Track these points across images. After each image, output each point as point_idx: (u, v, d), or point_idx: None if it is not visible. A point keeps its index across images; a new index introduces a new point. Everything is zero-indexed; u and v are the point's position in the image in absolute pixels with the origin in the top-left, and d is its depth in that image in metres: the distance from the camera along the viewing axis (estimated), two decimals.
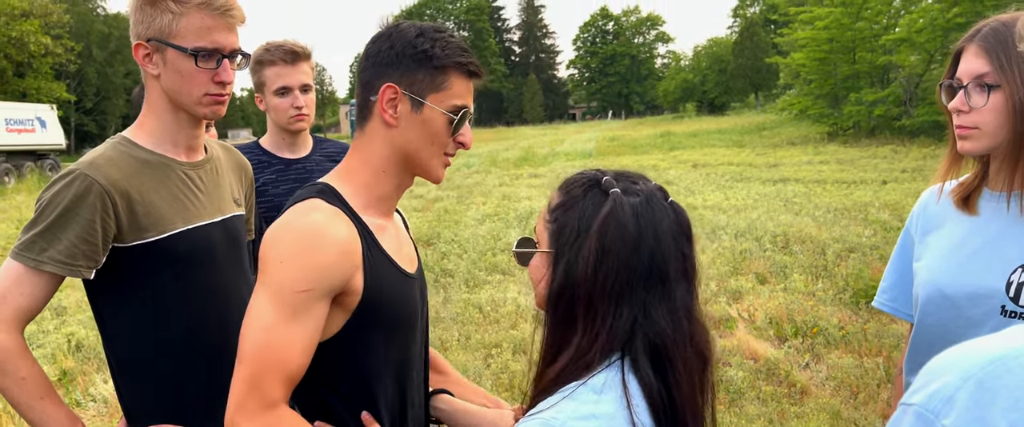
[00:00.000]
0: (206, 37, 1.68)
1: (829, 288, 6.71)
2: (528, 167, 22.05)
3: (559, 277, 1.20)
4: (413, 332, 1.57)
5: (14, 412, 4.72)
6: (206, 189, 1.86)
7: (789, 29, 32.85)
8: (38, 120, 29.49)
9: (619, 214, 1.17)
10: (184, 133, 1.81)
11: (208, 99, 1.74)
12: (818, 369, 4.97)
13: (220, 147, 2.02)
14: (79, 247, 1.62)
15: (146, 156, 1.76)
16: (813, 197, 12.15)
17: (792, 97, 33.28)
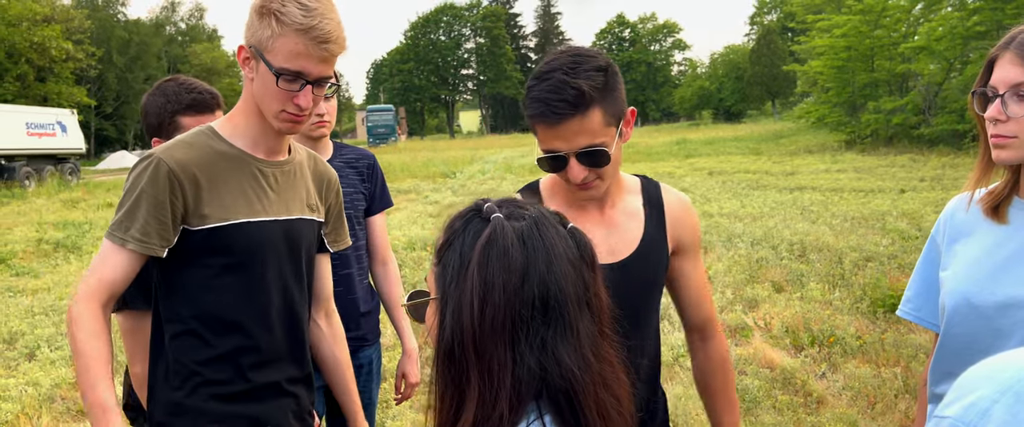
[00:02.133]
0: (294, 61, 1.69)
1: (846, 297, 6.66)
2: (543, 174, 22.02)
3: (447, 323, 1.05)
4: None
5: (32, 413, 4.76)
6: (278, 188, 1.89)
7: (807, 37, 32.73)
8: (59, 124, 29.79)
9: (501, 240, 1.04)
10: (265, 136, 1.85)
11: (284, 116, 1.76)
12: (835, 379, 4.93)
13: (307, 154, 2.04)
14: (152, 225, 1.72)
15: (224, 148, 1.82)
16: (830, 205, 12.07)
17: (809, 105, 33.14)
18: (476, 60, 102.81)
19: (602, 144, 1.60)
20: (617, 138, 1.64)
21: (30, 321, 7.11)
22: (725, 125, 63.87)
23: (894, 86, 27.93)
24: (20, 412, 4.81)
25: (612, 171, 1.69)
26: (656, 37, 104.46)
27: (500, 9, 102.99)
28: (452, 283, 1.06)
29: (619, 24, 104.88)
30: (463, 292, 1.04)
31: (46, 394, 5.14)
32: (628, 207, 1.81)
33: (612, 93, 1.60)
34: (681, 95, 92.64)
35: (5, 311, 7.57)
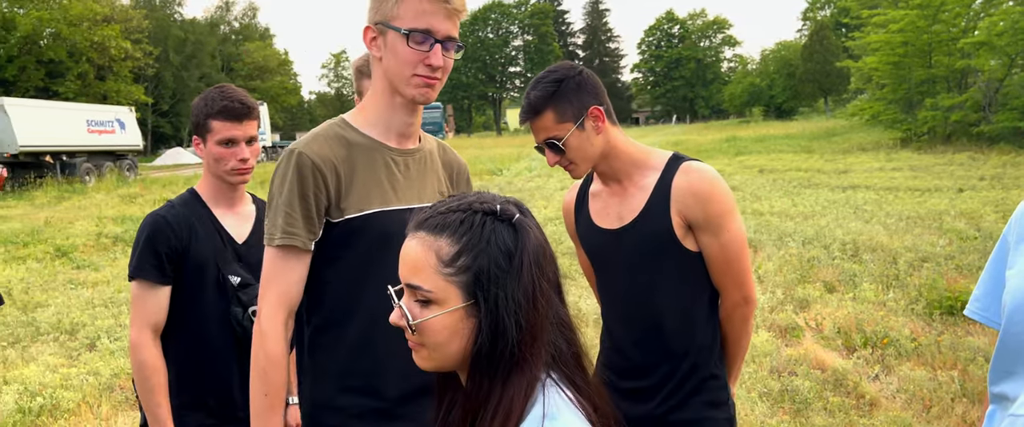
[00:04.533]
0: (422, 20, 1.75)
1: (901, 298, 6.52)
2: None
3: (493, 325, 1.13)
4: None
5: (92, 402, 4.90)
6: (410, 176, 1.93)
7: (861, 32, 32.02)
8: (118, 122, 30.60)
9: (536, 235, 1.17)
10: (398, 119, 1.89)
11: (417, 80, 1.79)
12: (888, 381, 4.83)
13: (436, 143, 2.10)
14: (296, 220, 1.78)
15: (357, 138, 1.87)
16: (884, 205, 11.82)
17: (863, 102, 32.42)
18: (524, 57, 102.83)
19: (555, 137, 1.98)
20: (576, 130, 1.98)
21: (91, 313, 7.33)
22: (776, 122, 62.89)
23: (953, 82, 27.18)
24: (81, 401, 4.97)
25: (579, 156, 2.01)
26: (706, 33, 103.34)
27: (548, 6, 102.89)
28: (499, 284, 1.12)
29: (668, 20, 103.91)
30: (522, 289, 1.12)
31: (106, 383, 5.30)
32: (641, 182, 2.05)
33: (563, 97, 1.96)
34: (731, 92, 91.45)
35: (67, 303, 7.82)
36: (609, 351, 2.17)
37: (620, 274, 2.09)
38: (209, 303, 2.28)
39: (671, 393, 2.06)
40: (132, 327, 2.27)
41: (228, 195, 2.37)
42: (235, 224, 2.37)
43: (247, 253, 2.36)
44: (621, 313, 2.12)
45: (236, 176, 2.31)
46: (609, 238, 2.09)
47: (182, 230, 2.27)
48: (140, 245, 2.25)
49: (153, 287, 2.24)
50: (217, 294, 2.29)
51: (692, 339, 2.05)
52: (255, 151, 2.35)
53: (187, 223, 2.28)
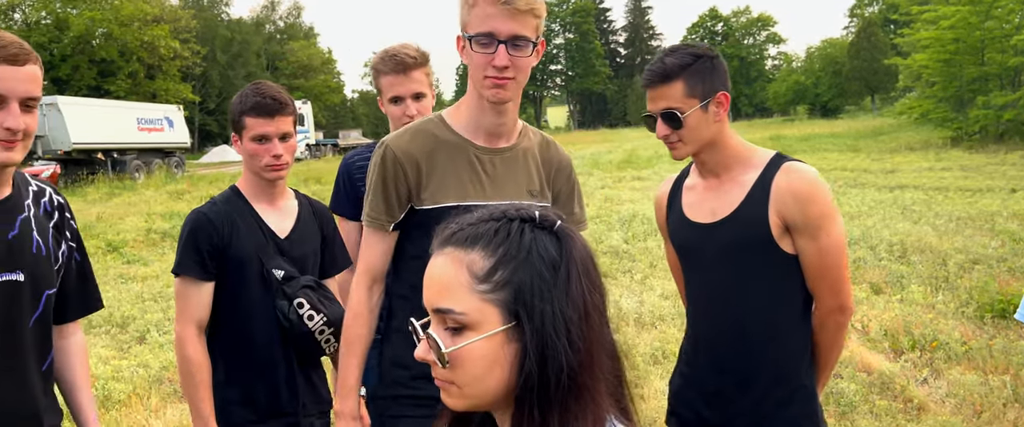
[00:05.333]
0: (486, 24, 1.84)
1: (950, 301, 6.38)
2: (631, 169, 21.86)
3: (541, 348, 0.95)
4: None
5: (142, 394, 5.02)
6: (494, 174, 2.03)
7: (911, 29, 31.32)
8: (166, 120, 31.24)
9: (585, 246, 1.03)
10: (486, 119, 2.01)
11: (487, 82, 1.90)
12: (937, 385, 4.73)
13: (541, 139, 2.17)
14: (379, 204, 2.03)
15: (447, 135, 2.02)
16: (934, 205, 11.57)
17: (912, 100, 31.73)
18: (565, 56, 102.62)
19: (678, 109, 1.95)
20: (699, 109, 1.95)
21: (140, 307, 7.50)
22: (821, 121, 61.84)
23: (1006, 80, 26.48)
24: (132, 392, 5.09)
25: (692, 136, 1.98)
26: (750, 31, 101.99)
27: (590, 4, 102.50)
28: (545, 300, 0.96)
29: (711, 18, 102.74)
30: (571, 305, 0.97)
31: (155, 376, 5.43)
32: (740, 178, 2.02)
33: (698, 73, 1.94)
34: (775, 90, 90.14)
35: (118, 297, 8.01)
36: (692, 350, 2.14)
37: (709, 270, 2.05)
38: (253, 298, 2.31)
39: (758, 401, 2.01)
40: (177, 323, 2.32)
41: (268, 191, 2.39)
42: (277, 219, 2.39)
43: (290, 247, 2.38)
44: (707, 311, 2.08)
45: (271, 172, 2.31)
46: (700, 232, 2.05)
47: (223, 226, 2.30)
48: (183, 242, 2.30)
49: (196, 283, 2.29)
50: (261, 288, 2.31)
51: (781, 345, 2.00)
52: (290, 147, 2.34)
53: (229, 219, 2.31)
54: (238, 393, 2.35)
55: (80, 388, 2.08)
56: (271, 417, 2.36)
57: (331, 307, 2.35)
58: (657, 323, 6.17)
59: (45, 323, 1.93)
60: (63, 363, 2.08)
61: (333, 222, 2.58)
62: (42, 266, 1.88)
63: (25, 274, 1.83)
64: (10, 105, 1.71)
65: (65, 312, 2.06)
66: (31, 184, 1.97)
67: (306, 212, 2.48)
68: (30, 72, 1.74)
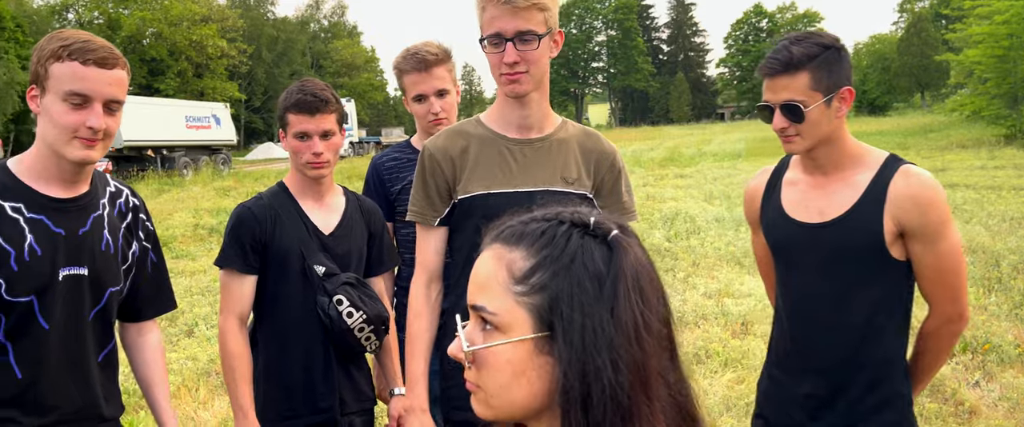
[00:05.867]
0: (492, 26, 1.95)
1: (1004, 302, 6.22)
2: (674, 167, 21.70)
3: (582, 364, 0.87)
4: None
5: (191, 386, 5.11)
6: (524, 163, 2.12)
7: (963, 24, 30.58)
8: (214, 117, 31.83)
9: (640, 258, 0.93)
10: (512, 114, 2.12)
11: (503, 79, 2.02)
12: (990, 388, 4.62)
13: (581, 132, 2.21)
14: (420, 200, 2.17)
15: (480, 131, 2.15)
16: (986, 204, 11.28)
17: (964, 97, 30.98)
18: (606, 53, 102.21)
19: (800, 102, 1.85)
20: (823, 104, 1.86)
21: (189, 300, 7.66)
22: (869, 118, 60.67)
23: None
24: (181, 384, 5.20)
25: (811, 131, 1.88)
26: (795, 27, 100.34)
27: (632, 1, 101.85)
28: (586, 312, 0.89)
29: (756, 14, 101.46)
30: (620, 321, 0.88)
31: (203, 368, 5.54)
32: (851, 178, 1.95)
33: (826, 65, 1.84)
34: None
35: None
36: (784, 351, 2.09)
37: (809, 272, 1.98)
38: (295, 293, 2.33)
39: (851, 407, 1.97)
40: (220, 315, 2.36)
41: (314, 187, 2.40)
42: (322, 216, 2.41)
43: (334, 244, 2.39)
44: (803, 313, 2.02)
45: (312, 169, 2.32)
46: (803, 232, 1.98)
47: (266, 221, 2.32)
48: (227, 235, 2.34)
49: (238, 276, 2.32)
50: (303, 284, 2.33)
51: (879, 352, 1.94)
52: (331, 145, 2.34)
53: (272, 214, 2.34)
54: (277, 387, 2.38)
55: (156, 385, 2.15)
56: (310, 412, 2.37)
57: (371, 305, 2.35)
58: (700, 322, 6.13)
59: (105, 318, 1.98)
60: (140, 360, 2.15)
61: (382, 221, 2.57)
62: (108, 263, 1.95)
63: (89, 269, 1.90)
64: (94, 105, 1.77)
65: (140, 311, 2.13)
66: (109, 185, 2.04)
67: (353, 210, 2.48)
68: (117, 76, 1.81)
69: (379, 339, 2.41)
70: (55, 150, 1.79)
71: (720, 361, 5.16)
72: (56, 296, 1.84)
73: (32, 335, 1.82)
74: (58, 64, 1.75)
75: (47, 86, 1.77)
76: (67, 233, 1.85)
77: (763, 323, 5.93)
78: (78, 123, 1.75)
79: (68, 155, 1.78)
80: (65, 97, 1.75)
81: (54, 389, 1.85)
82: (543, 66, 2.01)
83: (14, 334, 1.80)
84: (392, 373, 2.54)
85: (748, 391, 4.58)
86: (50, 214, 1.83)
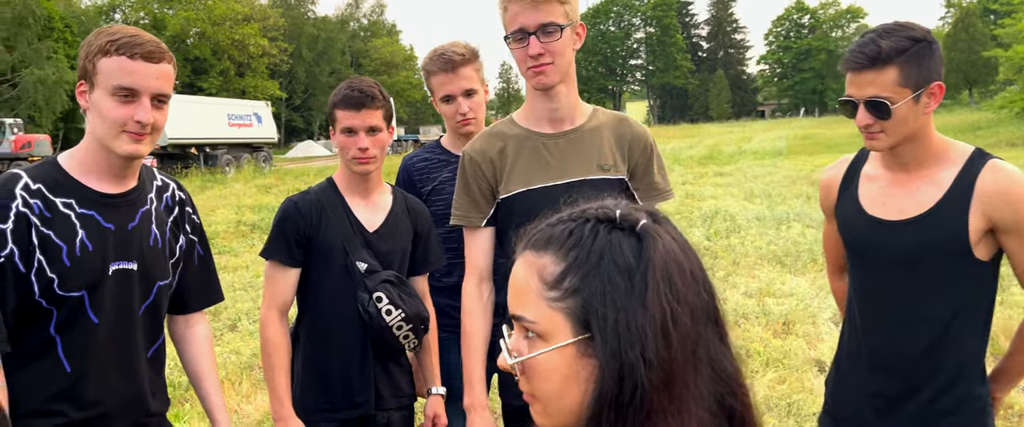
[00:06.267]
0: (514, 22, 2.02)
1: None
2: (713, 165, 21.48)
3: (616, 362, 0.86)
4: None
5: (235, 380, 5.20)
6: (560, 156, 2.16)
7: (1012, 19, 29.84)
8: (255, 116, 32.28)
9: (670, 248, 0.91)
10: (541, 107, 2.17)
11: (530, 73, 2.06)
12: None
13: (611, 118, 2.25)
14: (463, 204, 2.24)
15: (514, 131, 2.21)
16: None
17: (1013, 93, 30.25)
18: (645, 50, 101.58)
19: (887, 98, 1.78)
20: (911, 100, 1.79)
21: (231, 296, 7.76)
22: None
23: None
24: (224, 378, 5.29)
25: (897, 128, 1.81)
26: (838, 23, 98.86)
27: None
28: (619, 309, 0.87)
29: (798, 10, 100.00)
30: (649, 314, 0.86)
31: (246, 362, 5.62)
32: (935, 175, 1.89)
33: (915, 60, 1.77)
34: None
35: None
36: (856, 348, 2.05)
37: (886, 270, 1.93)
38: (336, 288, 2.36)
39: (923, 408, 1.92)
40: (262, 305, 2.42)
41: (361, 184, 2.42)
42: (368, 213, 2.43)
43: (377, 241, 2.41)
44: (878, 310, 1.97)
45: (357, 165, 2.34)
46: (883, 229, 1.92)
47: (311, 216, 2.36)
48: (273, 228, 2.39)
49: (282, 268, 2.37)
50: (344, 279, 2.36)
51: (956, 353, 1.89)
52: (378, 141, 2.35)
53: (318, 209, 2.37)
54: (315, 379, 2.42)
55: (206, 377, 2.18)
56: (346, 406, 2.40)
57: (411, 303, 2.37)
58: (741, 321, 6.07)
59: (155, 312, 2.01)
60: (189, 353, 2.19)
61: (429, 221, 2.58)
62: (157, 258, 1.97)
63: (139, 264, 1.92)
64: (142, 99, 1.79)
65: (188, 303, 2.17)
66: (156, 179, 2.06)
67: (400, 208, 2.50)
68: (164, 70, 1.82)
69: (418, 338, 2.43)
70: (104, 145, 1.81)
71: (761, 361, 5.11)
72: (106, 291, 1.86)
73: (81, 329, 1.84)
74: (106, 59, 1.76)
75: (95, 81, 1.78)
76: (117, 228, 1.87)
77: (805, 323, 5.86)
78: (126, 117, 1.77)
79: (117, 149, 1.80)
80: (113, 91, 1.76)
81: (102, 383, 1.87)
82: (567, 57, 2.06)
83: (64, 328, 1.82)
84: (430, 372, 2.56)
85: (790, 391, 4.53)
86: (100, 209, 1.85)
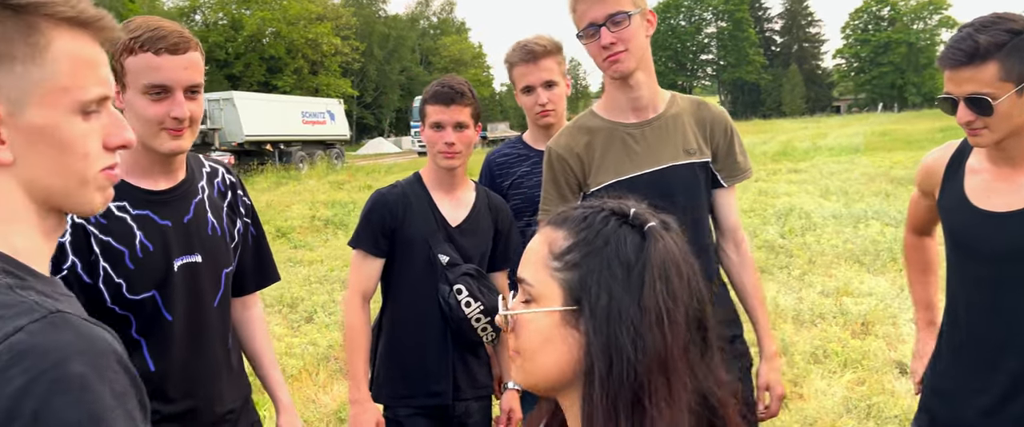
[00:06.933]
0: (584, 19, 2.07)
1: None
2: (787, 162, 21.01)
3: (605, 342, 0.94)
4: None
5: (312, 370, 5.33)
6: (646, 144, 2.20)
7: None
8: (328, 113, 32.90)
9: (672, 252, 0.98)
10: (623, 98, 2.20)
11: (605, 64, 2.10)
12: None
13: (690, 102, 2.29)
14: (552, 199, 2.27)
15: (597, 123, 2.24)
16: None
17: None
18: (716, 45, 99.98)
19: (988, 94, 1.73)
20: (1014, 94, 1.73)
21: (308, 288, 7.97)
22: None
23: None
24: (301, 368, 5.44)
25: (1001, 125, 1.76)
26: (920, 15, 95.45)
27: None
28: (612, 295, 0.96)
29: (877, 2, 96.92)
30: (644, 307, 0.94)
31: (323, 353, 5.77)
32: None
33: (1017, 52, 1.70)
34: None
35: (288, 279, 8.54)
36: (958, 343, 2.00)
37: (993, 262, 1.89)
38: (418, 279, 2.43)
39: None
40: (347, 290, 2.52)
41: (447, 180, 2.49)
42: (451, 208, 2.50)
43: (460, 236, 2.47)
44: (983, 305, 1.93)
45: (443, 159, 2.41)
46: (989, 222, 1.89)
47: (398, 208, 2.44)
48: (361, 218, 2.48)
49: (367, 257, 2.46)
50: (427, 271, 2.43)
51: None
52: (464, 138, 2.41)
53: (404, 202, 2.46)
54: (394, 367, 2.50)
55: (264, 355, 2.21)
56: (424, 395, 2.47)
57: (489, 297, 2.42)
58: (817, 321, 5.93)
59: (227, 302, 2.03)
60: (246, 334, 2.21)
61: (510, 218, 2.63)
62: (219, 246, 1.97)
63: (203, 255, 1.91)
64: (175, 94, 1.75)
65: (244, 285, 2.16)
66: (204, 165, 2.03)
67: (483, 205, 2.56)
68: (191, 59, 1.77)
69: (496, 331, 2.47)
70: (146, 144, 1.77)
71: (839, 361, 4.99)
72: (175, 287, 1.85)
73: (160, 328, 1.84)
74: (131, 57, 1.72)
75: (126, 81, 1.74)
76: (174, 223, 1.86)
77: (885, 323, 5.70)
78: (162, 115, 1.74)
79: (159, 148, 1.77)
80: (145, 90, 1.73)
81: (185, 378, 1.88)
82: (640, 43, 2.10)
83: (145, 331, 1.82)
84: (507, 366, 2.60)
85: (870, 393, 4.42)
86: (154, 208, 1.83)
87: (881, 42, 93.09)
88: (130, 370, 0.88)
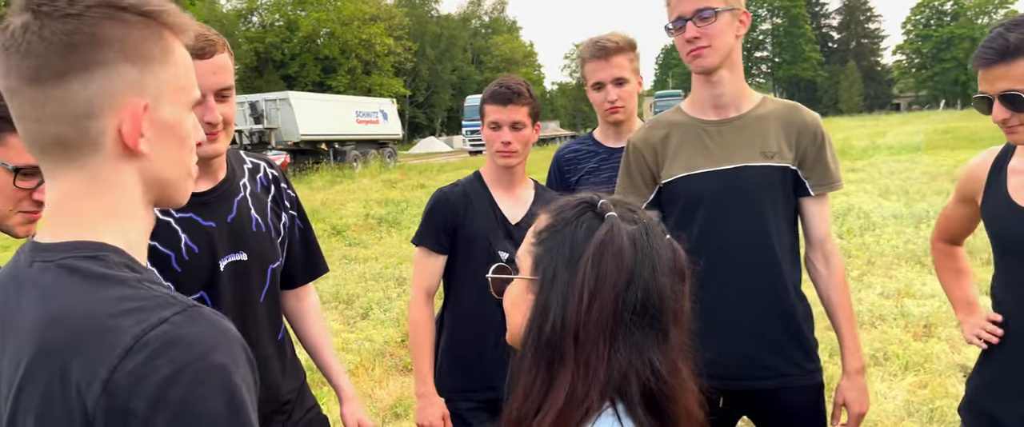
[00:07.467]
0: (675, 11, 2.11)
1: None
2: (845, 160, 20.57)
3: (542, 307, 1.11)
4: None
5: (368, 366, 5.41)
6: (722, 142, 2.19)
7: None
8: (381, 113, 33.29)
9: (616, 240, 1.08)
10: (704, 94, 2.21)
11: (689, 58, 2.13)
12: None
13: (780, 106, 2.26)
14: (625, 188, 2.31)
15: (679, 119, 2.27)
16: None
17: None
18: (771, 42, 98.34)
19: (1022, 91, 1.76)
20: None
21: (363, 285, 8.10)
22: None
23: None
24: (359, 364, 5.53)
25: None
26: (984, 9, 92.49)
27: None
28: (556, 270, 1.11)
29: None
30: (573, 283, 1.08)
31: (379, 349, 5.86)
32: None
33: None
34: None
35: (344, 276, 8.69)
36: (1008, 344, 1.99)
37: None
38: (478, 276, 2.46)
39: None
40: (411, 288, 2.57)
41: (506, 178, 2.54)
42: (511, 206, 2.54)
43: (519, 234, 2.50)
44: None
45: (500, 158, 2.45)
46: None
47: (459, 206, 2.50)
48: (424, 216, 2.54)
49: (430, 254, 2.52)
50: (487, 268, 2.43)
51: None
52: (521, 137, 2.44)
53: (465, 200, 2.51)
54: (455, 361, 2.56)
55: (323, 346, 2.25)
56: (483, 388, 2.51)
57: None
58: (877, 323, 5.82)
59: (274, 296, 2.04)
60: (303, 326, 2.25)
61: None
62: (264, 242, 1.97)
63: (248, 253, 1.92)
64: (206, 99, 1.74)
65: (295, 277, 2.18)
66: (245, 162, 2.03)
67: (541, 203, 2.58)
68: (219, 62, 1.76)
69: None
70: None
71: (900, 364, 4.89)
72: (223, 286, 1.87)
73: None
74: None
75: None
76: (218, 223, 1.86)
77: (948, 325, 5.57)
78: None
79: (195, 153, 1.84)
80: None
81: None
82: (726, 40, 2.09)
83: None
84: None
85: (933, 396, 4.33)
86: (196, 210, 1.83)
87: (944, 37, 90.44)
88: (252, 359, 0.96)
